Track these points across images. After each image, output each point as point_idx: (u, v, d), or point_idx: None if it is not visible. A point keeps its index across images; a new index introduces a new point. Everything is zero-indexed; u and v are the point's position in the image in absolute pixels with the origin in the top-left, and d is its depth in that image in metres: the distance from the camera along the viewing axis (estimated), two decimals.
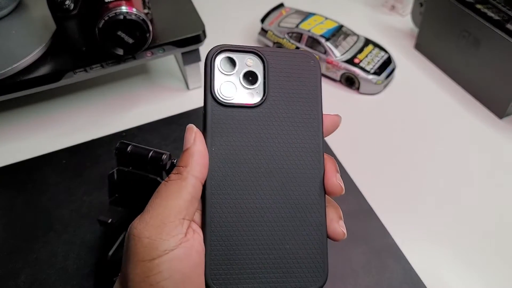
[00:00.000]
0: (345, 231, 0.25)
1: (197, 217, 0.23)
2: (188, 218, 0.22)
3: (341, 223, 0.25)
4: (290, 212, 0.24)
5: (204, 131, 0.23)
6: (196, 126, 0.24)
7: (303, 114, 0.25)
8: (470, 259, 0.37)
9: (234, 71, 0.24)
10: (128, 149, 0.33)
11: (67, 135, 0.48)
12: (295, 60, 0.25)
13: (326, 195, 0.24)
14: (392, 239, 0.38)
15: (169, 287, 0.20)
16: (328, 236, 0.24)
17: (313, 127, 0.25)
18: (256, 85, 0.24)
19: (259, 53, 0.24)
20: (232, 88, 0.24)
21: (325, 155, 0.25)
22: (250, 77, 0.24)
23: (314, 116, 0.25)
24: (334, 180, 0.24)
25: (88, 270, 0.37)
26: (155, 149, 0.33)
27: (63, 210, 0.41)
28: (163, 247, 0.21)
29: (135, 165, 0.33)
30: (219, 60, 0.24)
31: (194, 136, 0.23)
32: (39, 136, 0.48)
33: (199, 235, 0.23)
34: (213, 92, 0.23)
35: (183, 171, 0.22)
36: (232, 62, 0.24)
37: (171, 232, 0.21)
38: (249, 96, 0.24)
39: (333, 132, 0.26)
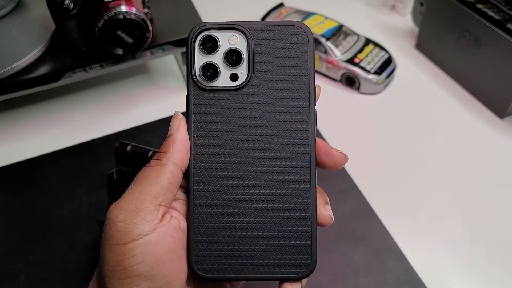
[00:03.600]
0: (332, 215, 0.24)
1: (178, 205, 0.23)
2: (165, 204, 0.22)
3: (328, 207, 0.24)
4: (278, 197, 0.23)
5: (187, 116, 0.23)
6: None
7: (291, 93, 0.23)
8: (471, 260, 0.37)
9: (217, 51, 0.22)
10: (128, 149, 0.33)
11: (67, 135, 0.48)
12: (283, 33, 0.23)
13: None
14: (393, 240, 0.38)
15: (143, 271, 0.21)
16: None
17: (302, 107, 0.23)
18: (240, 64, 0.22)
19: (242, 28, 0.22)
20: (214, 70, 0.23)
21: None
22: (233, 56, 0.23)
23: (303, 94, 0.23)
24: (332, 152, 0.24)
25: (88, 270, 0.37)
26: (155, 149, 0.33)
27: (62, 210, 0.41)
28: (137, 232, 0.21)
29: (135, 165, 0.33)
30: (200, 40, 0.22)
31: (178, 123, 0.23)
32: (39, 136, 0.48)
33: (177, 220, 0.23)
34: (193, 76, 0.22)
35: (163, 157, 0.22)
36: (214, 42, 0.22)
37: (146, 217, 0.21)
38: (233, 76, 0.23)
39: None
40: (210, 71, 0.23)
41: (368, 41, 0.54)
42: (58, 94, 0.52)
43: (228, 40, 0.23)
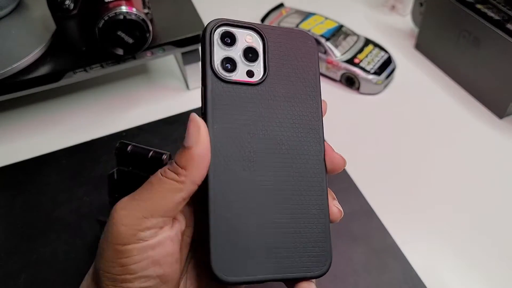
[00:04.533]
0: (341, 209, 0.24)
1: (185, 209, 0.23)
2: (172, 216, 0.22)
3: (336, 202, 0.25)
4: (294, 195, 0.23)
5: (204, 108, 0.22)
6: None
7: (303, 94, 0.24)
8: (471, 259, 0.37)
9: (234, 47, 0.23)
10: (128, 149, 0.33)
11: (67, 135, 0.48)
12: (293, 38, 0.24)
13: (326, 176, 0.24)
14: (393, 239, 0.38)
15: (138, 271, 0.21)
16: None
17: (312, 107, 0.24)
18: (257, 62, 0.23)
19: (259, 30, 0.23)
20: (232, 63, 0.23)
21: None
22: (250, 53, 0.23)
23: (313, 96, 0.24)
24: (334, 155, 0.24)
25: (88, 270, 0.37)
26: (155, 149, 0.33)
27: (63, 210, 0.41)
28: (138, 237, 0.21)
29: (135, 165, 0.33)
30: (219, 33, 0.23)
31: (198, 133, 0.21)
32: (39, 136, 0.48)
33: (179, 223, 0.23)
34: (213, 66, 0.22)
35: (182, 173, 0.21)
36: (232, 37, 0.23)
37: (151, 226, 0.21)
38: (250, 73, 0.23)
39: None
40: (230, 64, 0.23)
41: (368, 42, 0.54)
42: (59, 94, 0.52)
43: (244, 38, 0.23)
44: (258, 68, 0.23)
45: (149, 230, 0.21)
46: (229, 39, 0.23)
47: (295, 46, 0.24)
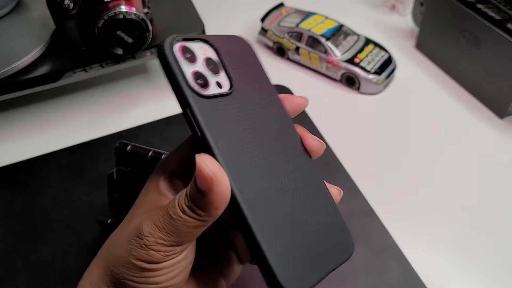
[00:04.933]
0: (338, 187, 0.25)
1: None
2: (194, 239, 0.23)
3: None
4: (301, 191, 0.23)
5: (199, 130, 0.21)
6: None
7: (266, 95, 0.24)
8: (471, 260, 0.37)
9: (197, 61, 0.22)
10: (128, 149, 0.33)
11: (67, 135, 0.48)
12: (236, 44, 0.24)
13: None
14: (393, 239, 0.38)
15: (163, 281, 0.22)
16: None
17: (278, 104, 0.25)
18: (220, 72, 0.23)
19: (208, 40, 0.23)
20: (203, 78, 0.22)
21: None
22: (211, 65, 0.22)
23: (274, 94, 0.25)
24: (310, 141, 0.25)
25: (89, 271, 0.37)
26: (155, 149, 0.33)
27: (62, 210, 0.41)
28: (164, 260, 0.21)
29: (135, 165, 0.33)
30: (179, 50, 0.21)
31: (210, 184, 0.20)
32: (38, 136, 0.48)
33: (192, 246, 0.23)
34: (190, 85, 0.21)
35: (202, 214, 0.20)
36: (191, 52, 0.22)
37: (178, 251, 0.22)
38: (219, 84, 0.22)
39: (299, 111, 0.26)
40: (201, 79, 0.22)
41: (368, 41, 0.54)
42: (58, 94, 0.52)
43: (200, 51, 0.22)
44: (223, 78, 0.23)
45: (179, 251, 0.22)
46: (189, 54, 0.22)
47: (239, 51, 0.24)
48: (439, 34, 0.52)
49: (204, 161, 0.20)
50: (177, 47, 0.21)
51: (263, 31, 0.57)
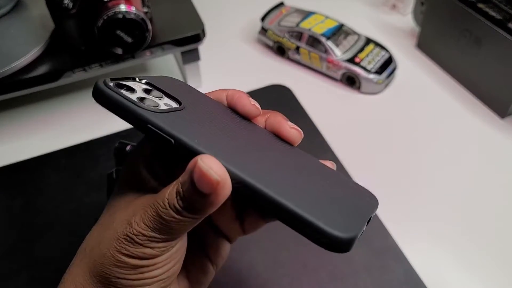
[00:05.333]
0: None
1: None
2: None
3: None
4: (299, 163, 0.24)
5: (169, 137, 0.20)
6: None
7: (216, 107, 0.25)
8: (472, 260, 0.37)
9: (136, 91, 0.22)
10: (127, 149, 0.33)
11: (66, 135, 0.48)
12: (165, 80, 0.25)
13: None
14: (393, 240, 0.38)
15: (159, 274, 0.22)
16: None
17: (232, 112, 0.26)
18: (163, 97, 0.23)
19: (139, 78, 0.23)
20: (150, 101, 0.22)
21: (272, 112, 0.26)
22: (151, 92, 0.23)
23: (216, 103, 0.26)
24: (288, 129, 0.25)
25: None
26: None
27: (62, 210, 0.41)
28: (165, 251, 0.21)
29: None
30: (116, 86, 0.21)
31: (215, 188, 0.19)
32: (38, 136, 0.48)
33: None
34: (139, 105, 0.20)
35: (200, 215, 0.20)
36: (126, 85, 0.22)
37: (174, 243, 0.21)
38: (167, 105, 0.22)
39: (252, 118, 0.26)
40: (149, 102, 0.22)
41: (368, 41, 0.53)
42: (58, 94, 0.52)
43: (135, 85, 0.22)
44: (168, 101, 0.23)
45: (174, 245, 0.21)
46: (126, 88, 0.22)
47: (170, 83, 0.25)
48: (440, 33, 0.52)
49: (210, 165, 0.18)
50: (111, 83, 0.21)
51: (263, 30, 0.57)
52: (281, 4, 0.59)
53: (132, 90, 0.22)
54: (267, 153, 0.23)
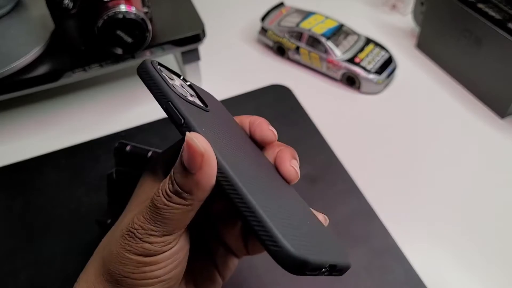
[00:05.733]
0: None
1: None
2: (186, 226, 0.22)
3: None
4: (293, 200, 0.23)
5: (182, 117, 0.21)
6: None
7: (235, 127, 0.26)
8: (472, 260, 0.37)
9: (174, 80, 0.23)
10: (127, 149, 0.33)
11: (66, 135, 0.48)
12: (202, 90, 0.27)
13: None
14: (393, 240, 0.38)
15: (161, 275, 0.22)
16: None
17: (249, 138, 0.26)
18: (195, 95, 0.24)
19: (181, 74, 0.25)
20: (183, 90, 0.23)
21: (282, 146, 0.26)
22: (188, 87, 0.24)
23: (243, 131, 0.27)
24: (288, 167, 0.25)
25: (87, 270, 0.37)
26: (154, 149, 0.33)
27: (62, 210, 0.41)
28: (163, 249, 0.21)
29: (134, 165, 0.33)
30: (160, 67, 0.23)
31: (200, 160, 0.19)
32: (37, 136, 0.48)
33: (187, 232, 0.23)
34: (172, 87, 0.22)
35: (188, 197, 0.20)
36: (168, 70, 0.24)
37: (172, 239, 0.21)
38: (194, 102, 0.23)
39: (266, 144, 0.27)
40: (182, 90, 0.23)
41: (368, 41, 0.54)
42: (58, 94, 0.52)
43: (174, 76, 0.24)
44: (197, 100, 0.24)
45: (173, 241, 0.21)
46: (167, 72, 0.24)
47: (205, 93, 0.27)
48: (439, 33, 0.52)
49: (195, 137, 0.19)
50: (157, 65, 0.23)
51: (263, 30, 0.57)
52: (281, 4, 0.59)
53: (171, 77, 0.23)
54: (262, 173, 0.23)
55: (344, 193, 0.41)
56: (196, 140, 0.19)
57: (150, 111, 0.50)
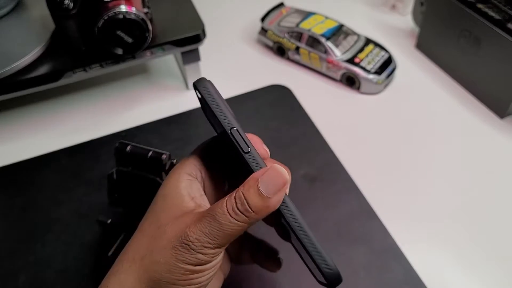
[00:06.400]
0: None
1: None
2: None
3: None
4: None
5: (248, 145, 0.24)
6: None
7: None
8: (471, 260, 0.37)
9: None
10: (128, 149, 0.33)
11: (67, 135, 0.48)
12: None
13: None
14: (393, 240, 0.38)
15: (206, 282, 0.24)
16: None
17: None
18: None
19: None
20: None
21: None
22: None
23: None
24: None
25: (88, 270, 0.37)
26: (155, 149, 0.33)
27: (62, 210, 0.41)
28: (212, 259, 0.23)
29: (135, 165, 0.33)
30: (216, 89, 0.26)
31: (282, 187, 0.23)
32: (38, 136, 0.48)
33: None
34: (232, 113, 0.25)
35: (252, 217, 0.23)
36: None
37: (220, 251, 0.24)
38: None
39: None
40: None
41: (368, 41, 0.54)
42: (58, 94, 0.52)
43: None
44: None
45: (222, 252, 0.24)
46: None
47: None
48: (439, 34, 0.52)
49: (280, 168, 0.23)
50: (212, 84, 0.26)
51: (263, 31, 0.57)
52: (281, 4, 0.59)
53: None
54: None
55: (344, 193, 0.41)
56: (282, 169, 0.23)
57: (150, 111, 0.50)
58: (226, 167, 0.28)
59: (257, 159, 0.24)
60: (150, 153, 0.32)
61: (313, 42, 0.52)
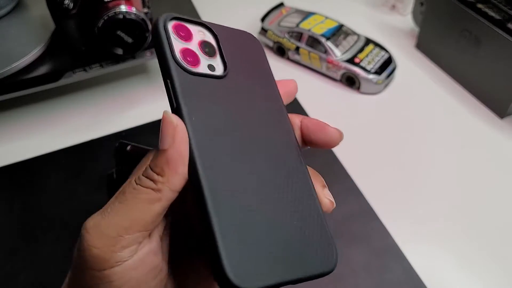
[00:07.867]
0: (332, 199, 0.22)
1: None
2: (151, 228, 0.19)
3: (326, 191, 0.23)
4: (283, 187, 0.22)
5: (176, 101, 0.20)
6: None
7: (262, 87, 0.24)
8: (471, 260, 0.37)
9: (191, 41, 0.22)
10: (128, 148, 0.33)
11: (67, 135, 0.48)
12: (241, 38, 0.25)
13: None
14: (393, 240, 0.38)
15: None
16: None
17: (274, 98, 0.24)
18: (215, 56, 0.23)
19: (209, 26, 0.23)
20: (193, 56, 0.22)
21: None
22: (206, 48, 0.23)
23: (271, 87, 0.25)
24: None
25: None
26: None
27: (62, 210, 0.41)
28: (115, 259, 0.18)
29: (135, 165, 0.33)
30: (172, 27, 0.22)
31: (173, 133, 0.19)
32: (38, 136, 0.48)
33: (158, 230, 0.20)
34: (176, 58, 0.21)
35: (158, 180, 0.19)
36: (186, 31, 0.22)
37: (128, 244, 0.18)
38: (211, 67, 0.22)
39: (293, 97, 0.25)
40: (190, 56, 0.22)
41: (368, 41, 0.54)
42: (58, 94, 0.52)
43: (197, 34, 0.23)
44: (217, 63, 0.23)
45: (127, 249, 0.18)
46: (183, 33, 0.22)
47: (243, 44, 0.24)
48: (439, 34, 0.52)
49: (169, 114, 0.20)
50: (171, 24, 0.22)
51: (263, 31, 0.57)
52: (281, 4, 0.59)
53: (187, 38, 0.22)
54: (258, 160, 0.21)
55: (344, 193, 0.41)
56: (172, 116, 0.19)
57: (150, 111, 0.50)
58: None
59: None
60: None
61: (313, 42, 0.52)
